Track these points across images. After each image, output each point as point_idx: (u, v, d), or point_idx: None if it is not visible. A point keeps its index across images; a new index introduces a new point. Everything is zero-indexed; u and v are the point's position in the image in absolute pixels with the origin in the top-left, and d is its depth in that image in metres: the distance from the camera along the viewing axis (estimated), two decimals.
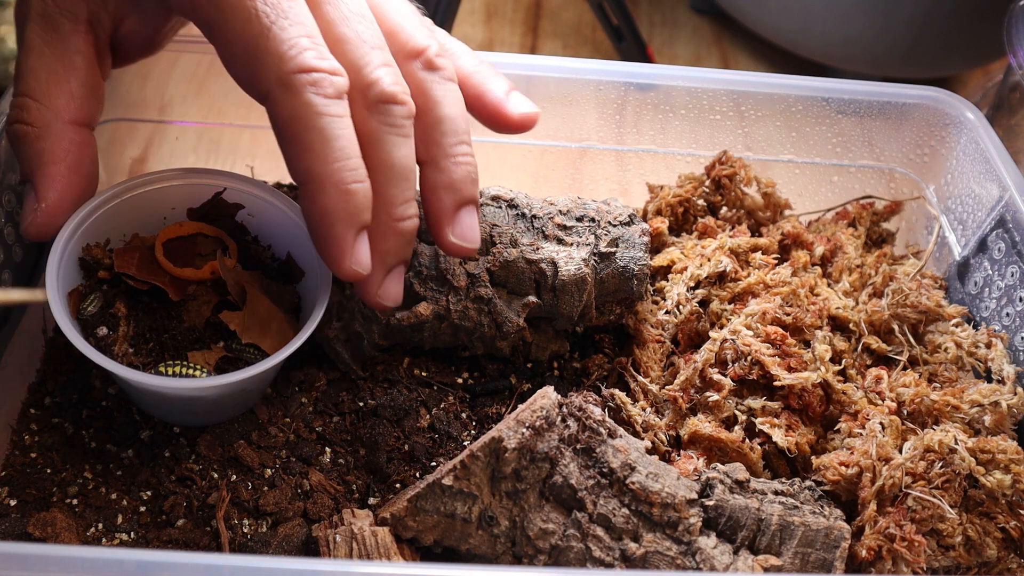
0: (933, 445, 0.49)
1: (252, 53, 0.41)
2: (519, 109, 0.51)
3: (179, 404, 0.50)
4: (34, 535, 0.46)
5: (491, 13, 1.01)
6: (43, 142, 0.45)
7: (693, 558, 0.45)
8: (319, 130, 0.41)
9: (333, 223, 0.43)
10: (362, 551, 0.44)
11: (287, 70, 0.41)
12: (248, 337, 0.49)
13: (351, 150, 0.42)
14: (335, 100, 0.42)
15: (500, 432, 0.46)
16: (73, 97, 0.46)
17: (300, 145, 0.42)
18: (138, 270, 0.49)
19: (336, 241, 0.43)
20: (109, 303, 0.49)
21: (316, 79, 0.41)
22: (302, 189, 0.43)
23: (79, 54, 0.46)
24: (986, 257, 0.59)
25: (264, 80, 0.42)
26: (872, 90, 0.64)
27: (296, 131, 0.42)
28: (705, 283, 0.58)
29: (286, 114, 0.42)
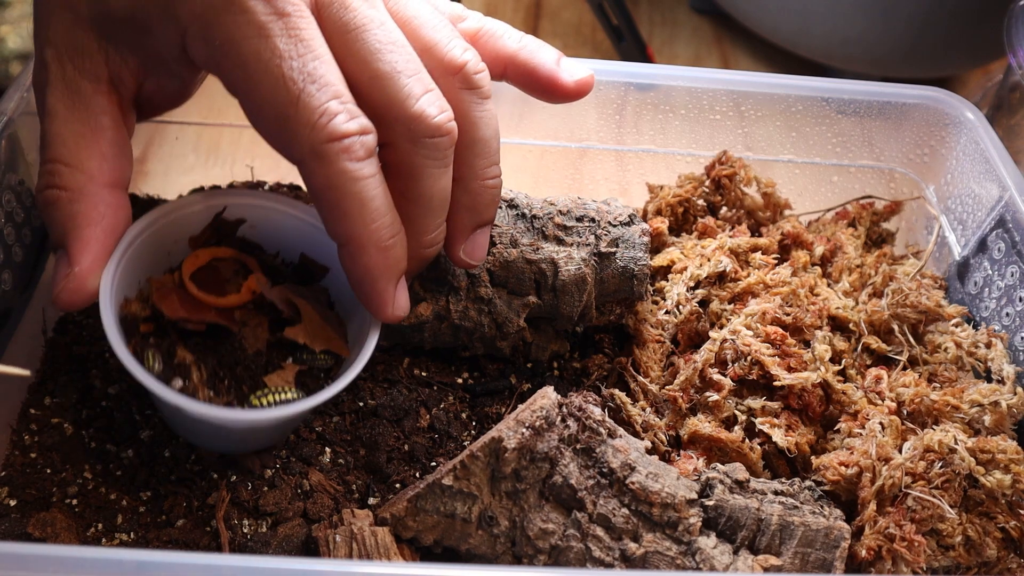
0: (933, 445, 0.49)
1: (283, 122, 0.41)
2: (573, 77, 0.51)
3: (267, 432, 0.50)
4: (34, 535, 0.46)
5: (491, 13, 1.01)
6: (77, 204, 0.44)
7: (693, 558, 0.45)
8: (354, 195, 0.42)
9: (376, 280, 0.44)
10: (362, 551, 0.44)
11: (319, 140, 0.41)
12: (318, 345, 0.49)
13: (385, 207, 0.43)
14: (366, 162, 0.42)
15: (500, 432, 0.46)
16: (105, 158, 0.44)
17: (338, 211, 0.42)
18: (187, 312, 0.48)
19: (379, 295, 0.45)
20: (168, 354, 0.47)
21: (347, 145, 0.41)
22: (342, 249, 0.44)
23: (105, 115, 0.44)
24: (986, 257, 0.59)
25: (297, 149, 0.42)
26: (872, 90, 0.64)
27: (333, 198, 0.42)
28: (705, 283, 0.58)
29: (321, 182, 0.42)
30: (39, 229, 0.57)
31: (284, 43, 0.41)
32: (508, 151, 0.67)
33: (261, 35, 0.40)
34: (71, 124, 0.44)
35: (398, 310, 0.46)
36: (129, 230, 0.48)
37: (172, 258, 0.51)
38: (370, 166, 0.42)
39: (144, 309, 0.48)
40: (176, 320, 0.47)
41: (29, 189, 0.55)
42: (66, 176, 0.44)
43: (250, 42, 0.40)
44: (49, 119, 0.44)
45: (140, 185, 0.68)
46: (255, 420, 0.46)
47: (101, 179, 0.44)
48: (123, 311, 0.48)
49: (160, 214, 0.50)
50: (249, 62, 0.41)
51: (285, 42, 0.41)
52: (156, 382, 0.44)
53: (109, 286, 0.46)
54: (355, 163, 0.41)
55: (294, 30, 0.41)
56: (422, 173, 0.45)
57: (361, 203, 0.42)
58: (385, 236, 0.43)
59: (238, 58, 0.41)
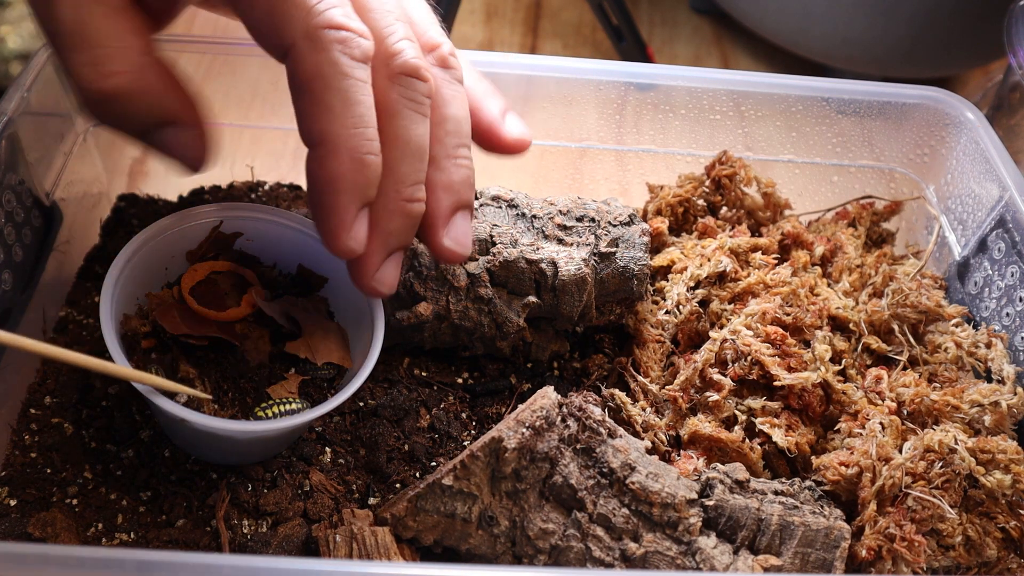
0: (933, 445, 0.49)
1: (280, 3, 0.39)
2: (513, 132, 0.50)
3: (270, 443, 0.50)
4: (34, 535, 0.46)
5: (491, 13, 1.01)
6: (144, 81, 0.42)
7: (693, 558, 0.45)
8: (341, 91, 0.40)
9: (338, 192, 0.41)
10: (362, 551, 0.44)
11: (315, 24, 0.39)
12: (320, 357, 0.49)
13: (370, 119, 0.41)
14: (360, 64, 0.40)
15: (500, 432, 0.46)
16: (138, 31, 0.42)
17: (320, 105, 0.40)
18: (189, 327, 0.47)
19: (338, 211, 0.41)
20: (171, 369, 0.47)
21: (344, 37, 0.39)
22: (312, 152, 0.41)
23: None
24: (986, 257, 0.59)
25: (288, 31, 0.39)
26: (872, 90, 0.64)
27: (317, 89, 0.40)
28: (705, 283, 0.58)
29: (309, 70, 0.40)
30: (39, 229, 0.57)
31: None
32: None
33: None
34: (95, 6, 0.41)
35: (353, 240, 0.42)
36: (126, 247, 0.48)
37: (170, 273, 0.52)
38: (363, 70, 0.40)
39: (144, 325, 0.48)
40: (178, 336, 0.47)
41: (29, 189, 0.55)
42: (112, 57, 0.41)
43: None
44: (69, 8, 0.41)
45: (140, 185, 0.68)
46: (259, 431, 0.46)
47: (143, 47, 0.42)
48: (124, 328, 0.48)
49: (156, 230, 0.50)
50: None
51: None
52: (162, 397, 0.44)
53: (109, 303, 0.46)
54: (348, 59, 0.39)
55: None
56: (398, 112, 0.43)
57: (346, 101, 0.40)
58: (363, 148, 0.40)
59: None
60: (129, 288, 0.49)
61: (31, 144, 0.55)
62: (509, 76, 0.62)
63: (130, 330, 0.48)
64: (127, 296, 0.49)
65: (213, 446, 0.50)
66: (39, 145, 0.57)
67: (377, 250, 0.44)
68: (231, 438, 0.47)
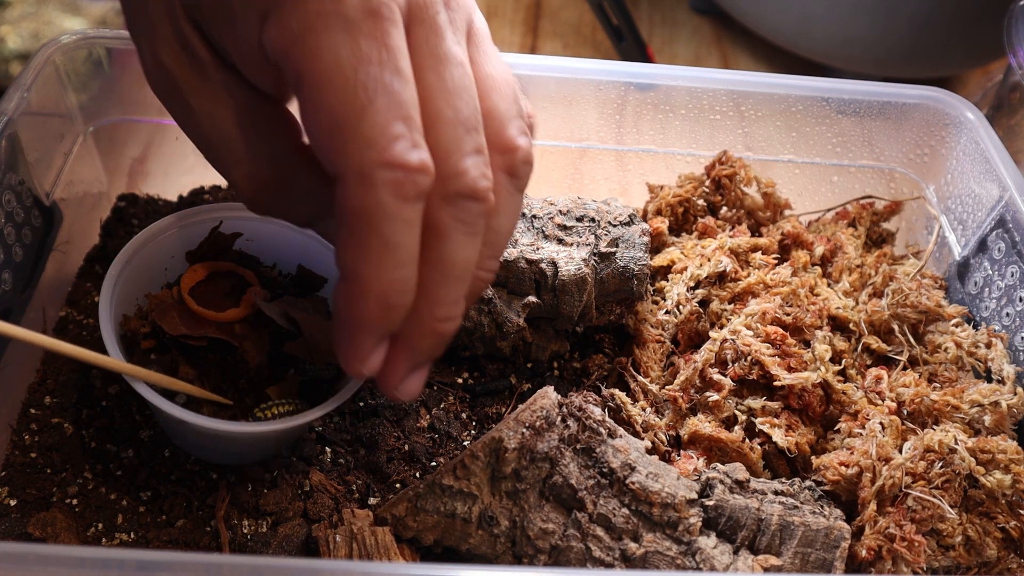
0: (933, 445, 0.49)
1: (339, 130, 0.36)
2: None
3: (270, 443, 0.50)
4: (34, 535, 0.46)
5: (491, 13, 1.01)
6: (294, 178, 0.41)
7: (693, 558, 0.45)
8: (383, 236, 0.37)
9: (360, 331, 0.39)
10: (362, 551, 0.44)
11: (371, 160, 0.36)
12: (319, 358, 0.48)
13: (408, 259, 0.38)
14: (412, 203, 0.37)
15: (500, 432, 0.46)
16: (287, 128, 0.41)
17: (357, 244, 0.37)
18: (188, 328, 0.47)
19: (356, 345, 0.39)
20: (171, 370, 0.47)
21: (399, 179, 0.36)
22: (342, 282, 0.39)
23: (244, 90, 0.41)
24: (986, 257, 0.59)
25: (341, 161, 0.36)
26: (872, 90, 0.64)
27: (358, 228, 0.37)
28: (705, 283, 0.58)
29: (354, 207, 0.36)
30: (39, 229, 0.57)
31: (367, 45, 0.36)
32: None
33: (345, 29, 0.36)
34: (235, 114, 0.40)
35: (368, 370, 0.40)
36: (125, 248, 0.48)
37: (169, 273, 0.52)
38: (413, 210, 0.37)
39: (144, 326, 0.48)
40: (177, 336, 0.47)
41: (29, 189, 0.55)
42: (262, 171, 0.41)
43: (331, 34, 0.36)
44: (205, 121, 0.40)
45: (140, 185, 0.68)
46: (258, 432, 0.46)
47: (285, 150, 0.41)
48: (123, 328, 0.48)
49: (156, 231, 0.50)
50: (323, 55, 0.36)
51: (368, 44, 0.36)
52: (161, 398, 0.44)
53: (108, 304, 0.46)
54: (399, 200, 0.36)
55: (382, 34, 0.36)
56: (448, 235, 0.39)
57: (386, 246, 0.37)
58: (394, 292, 0.38)
59: (313, 48, 0.36)
60: (129, 289, 0.49)
61: (31, 144, 0.55)
62: None
63: (129, 331, 0.48)
64: (127, 296, 0.49)
65: (212, 446, 0.50)
66: (39, 145, 0.57)
67: (402, 366, 0.41)
68: (230, 438, 0.47)
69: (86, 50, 0.59)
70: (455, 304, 0.41)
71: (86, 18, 0.79)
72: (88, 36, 0.59)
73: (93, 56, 0.60)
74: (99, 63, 0.61)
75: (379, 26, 0.36)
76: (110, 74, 0.62)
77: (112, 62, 0.62)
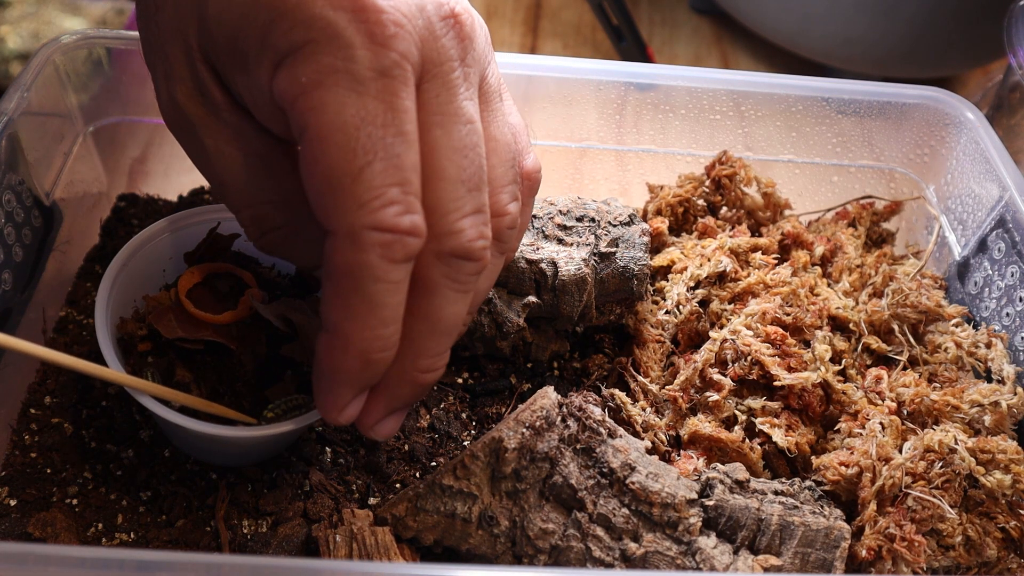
0: (933, 445, 0.49)
1: (333, 188, 0.36)
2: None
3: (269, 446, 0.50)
4: (34, 535, 0.46)
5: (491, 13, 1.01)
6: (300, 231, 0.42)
7: (693, 558, 0.45)
8: (368, 296, 0.37)
9: (339, 382, 0.39)
10: (362, 551, 0.44)
11: (360, 223, 0.36)
12: None
13: (392, 318, 0.38)
14: (399, 265, 0.37)
15: (500, 432, 0.46)
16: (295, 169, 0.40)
17: (341, 300, 0.38)
18: (184, 331, 0.47)
19: (334, 397, 0.40)
20: (168, 373, 0.47)
21: (388, 241, 0.36)
22: (325, 332, 0.39)
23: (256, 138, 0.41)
24: (986, 257, 0.59)
25: (333, 219, 0.37)
26: (872, 90, 0.64)
27: (344, 286, 0.37)
28: (705, 283, 0.58)
29: (340, 264, 0.37)
30: (39, 229, 0.57)
31: (373, 105, 0.36)
32: None
33: (354, 88, 0.36)
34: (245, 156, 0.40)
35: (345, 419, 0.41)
36: (122, 250, 0.48)
37: (167, 275, 0.51)
38: (400, 271, 0.37)
39: (141, 328, 0.48)
40: (174, 339, 0.47)
41: (29, 189, 0.55)
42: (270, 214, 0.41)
43: (338, 91, 0.36)
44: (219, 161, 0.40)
45: (140, 185, 0.68)
46: (257, 436, 0.46)
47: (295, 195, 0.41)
48: (120, 331, 0.48)
49: (153, 232, 0.50)
50: (328, 111, 0.36)
51: (375, 105, 0.36)
52: (157, 403, 0.44)
53: (104, 306, 0.46)
54: (386, 263, 0.37)
55: (390, 95, 0.36)
56: (437, 292, 0.39)
57: (371, 306, 0.37)
58: (376, 349, 0.38)
59: (318, 102, 0.36)
60: (126, 291, 0.49)
61: (31, 144, 0.55)
62: (509, 76, 0.62)
63: (126, 334, 0.48)
64: (125, 298, 0.49)
65: (211, 449, 0.49)
66: (39, 145, 0.57)
67: (380, 410, 0.42)
68: (228, 442, 0.47)
69: (86, 50, 0.59)
70: (439, 357, 0.41)
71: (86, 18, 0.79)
72: (88, 36, 0.59)
73: (93, 56, 0.60)
74: (99, 63, 0.61)
75: (388, 86, 0.36)
76: (110, 74, 0.62)
77: (112, 62, 0.62)
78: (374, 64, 0.36)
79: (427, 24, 0.38)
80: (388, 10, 0.37)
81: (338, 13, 0.36)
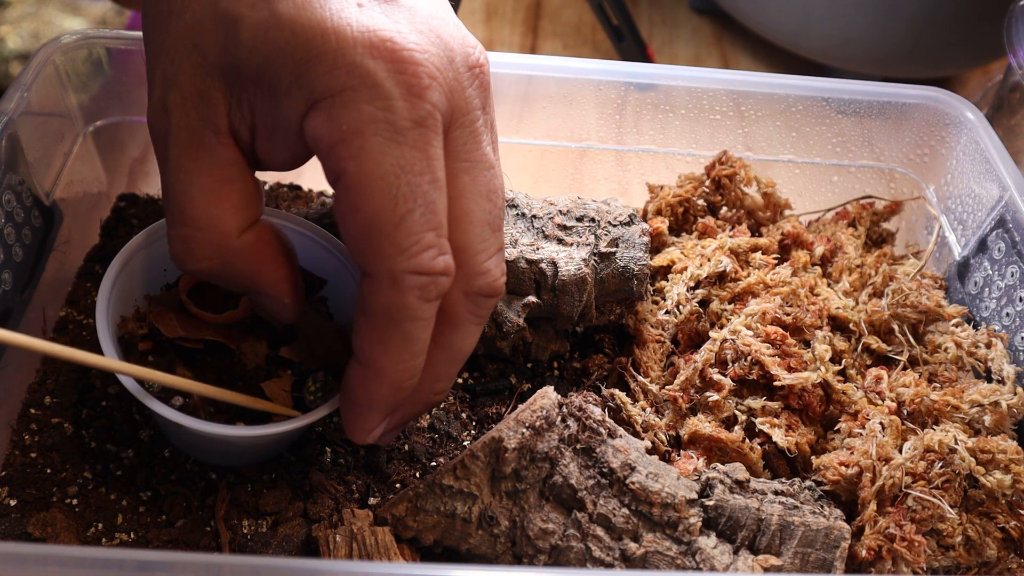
0: (933, 445, 0.49)
1: (375, 234, 0.38)
2: None
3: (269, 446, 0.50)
4: (34, 535, 0.46)
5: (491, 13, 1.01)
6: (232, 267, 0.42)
7: (693, 558, 0.45)
8: (404, 332, 0.40)
9: (371, 408, 0.42)
10: (362, 551, 0.44)
11: (403, 267, 0.38)
12: (315, 361, 0.48)
13: (422, 350, 0.41)
14: (431, 303, 0.40)
15: (500, 432, 0.46)
16: (237, 210, 0.41)
17: (378, 336, 0.40)
18: (185, 330, 0.47)
19: (365, 420, 0.43)
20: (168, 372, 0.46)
21: (424, 283, 0.39)
22: (358, 366, 0.41)
23: (232, 166, 0.41)
24: (986, 257, 0.59)
25: (374, 263, 0.39)
26: (872, 90, 0.64)
27: (381, 324, 0.40)
28: (705, 283, 0.58)
29: (380, 304, 0.39)
30: (39, 229, 0.57)
31: (411, 154, 0.38)
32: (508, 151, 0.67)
33: (393, 138, 0.37)
34: (198, 178, 0.40)
35: (372, 439, 0.44)
36: (123, 250, 0.48)
37: (168, 275, 0.51)
38: (432, 309, 0.40)
39: (142, 328, 0.48)
40: (174, 339, 0.47)
41: (29, 189, 0.55)
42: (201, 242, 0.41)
43: (379, 141, 0.37)
44: (174, 173, 0.41)
45: (140, 185, 0.68)
46: (256, 436, 0.46)
47: (236, 230, 0.41)
48: (120, 330, 0.48)
49: (156, 230, 0.50)
50: (369, 161, 0.37)
51: (412, 154, 0.38)
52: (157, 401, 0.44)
53: (105, 305, 0.46)
54: (421, 302, 0.39)
55: (425, 144, 0.38)
56: (461, 326, 0.43)
57: (405, 341, 0.40)
58: (406, 378, 0.41)
59: (360, 151, 0.37)
60: (128, 290, 0.49)
61: (31, 144, 0.55)
62: (509, 76, 0.62)
63: (127, 333, 0.48)
64: (126, 297, 0.49)
65: (210, 449, 0.49)
66: (39, 145, 0.57)
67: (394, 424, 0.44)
68: (227, 442, 0.47)
69: (86, 50, 0.59)
70: (451, 379, 0.45)
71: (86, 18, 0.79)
72: (88, 36, 0.59)
73: (93, 56, 0.60)
74: (99, 63, 0.61)
75: (424, 136, 0.38)
76: (110, 74, 0.62)
77: (112, 62, 0.61)
78: (411, 115, 0.38)
79: (456, 75, 0.40)
80: (423, 63, 0.38)
81: (377, 63, 0.37)
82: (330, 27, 0.37)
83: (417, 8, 0.40)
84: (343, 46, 0.37)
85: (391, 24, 0.38)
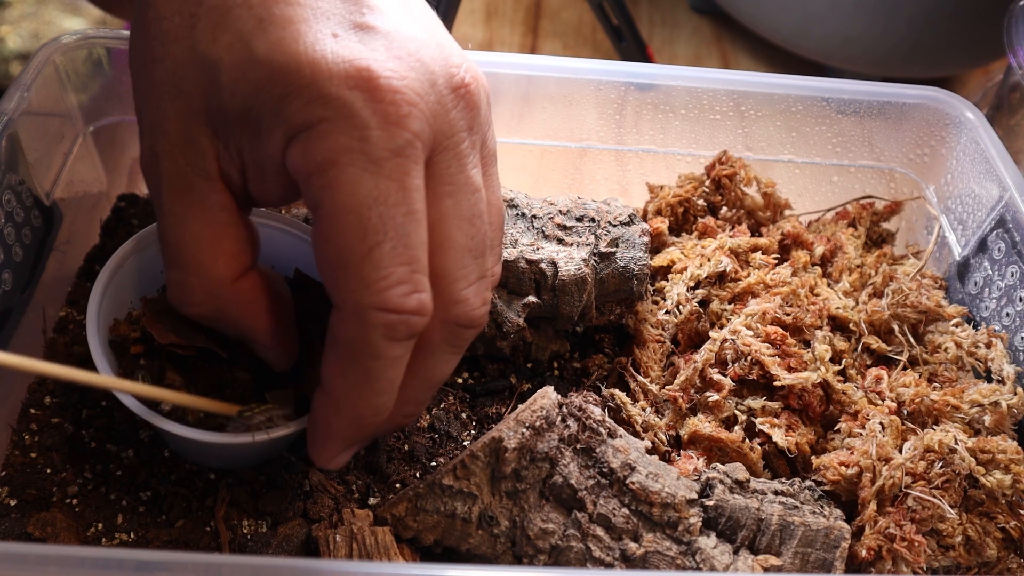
0: (933, 445, 0.49)
1: (343, 265, 0.37)
2: None
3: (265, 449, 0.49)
4: (34, 535, 0.46)
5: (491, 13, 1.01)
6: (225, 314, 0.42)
7: (693, 558, 0.45)
8: (367, 370, 0.38)
9: (331, 438, 0.41)
10: (362, 551, 0.44)
11: (366, 303, 0.37)
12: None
13: (388, 389, 0.40)
14: (401, 343, 0.38)
15: (500, 432, 0.46)
16: (231, 256, 0.41)
17: (340, 369, 0.39)
18: (177, 336, 0.46)
19: (326, 450, 0.42)
20: (158, 376, 0.47)
21: (392, 322, 0.37)
22: (321, 392, 0.40)
23: (223, 211, 0.40)
24: (986, 257, 0.59)
25: (339, 296, 0.38)
26: (872, 90, 0.64)
27: (345, 357, 0.39)
28: (705, 283, 0.58)
29: (344, 338, 0.38)
30: (39, 229, 0.57)
31: (386, 185, 0.37)
32: (508, 151, 0.68)
33: (368, 168, 0.37)
34: (191, 225, 0.40)
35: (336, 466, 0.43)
36: (118, 251, 0.48)
37: (163, 278, 0.51)
38: (400, 348, 0.39)
39: (134, 331, 0.48)
40: (166, 344, 0.47)
41: (29, 189, 0.55)
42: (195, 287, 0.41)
43: (353, 171, 0.36)
44: (167, 219, 0.40)
45: (140, 185, 0.68)
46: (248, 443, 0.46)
47: (230, 277, 0.41)
48: (112, 333, 0.48)
49: (146, 236, 0.50)
50: (342, 190, 0.37)
51: (387, 185, 0.37)
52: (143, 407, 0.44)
53: (96, 308, 0.46)
54: (388, 341, 0.38)
55: (402, 175, 0.37)
56: (435, 354, 0.41)
57: (368, 379, 0.39)
58: (368, 414, 0.40)
59: (333, 181, 0.37)
60: (122, 292, 0.49)
61: (31, 144, 0.55)
62: (509, 76, 0.63)
63: (119, 336, 0.48)
64: (121, 300, 0.49)
65: (204, 453, 0.49)
66: (39, 145, 0.57)
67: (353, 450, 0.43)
68: (219, 447, 0.47)
69: (86, 50, 0.59)
70: (422, 404, 0.44)
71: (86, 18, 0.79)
72: (88, 36, 0.59)
73: (93, 56, 0.60)
74: (99, 63, 0.61)
75: (401, 166, 0.37)
76: (110, 74, 0.62)
77: (112, 62, 0.62)
78: (388, 144, 0.37)
79: (438, 99, 0.39)
80: (402, 89, 0.37)
81: (353, 92, 0.37)
82: (305, 60, 0.37)
83: (396, 33, 0.39)
84: (318, 78, 0.37)
85: (368, 52, 0.38)
